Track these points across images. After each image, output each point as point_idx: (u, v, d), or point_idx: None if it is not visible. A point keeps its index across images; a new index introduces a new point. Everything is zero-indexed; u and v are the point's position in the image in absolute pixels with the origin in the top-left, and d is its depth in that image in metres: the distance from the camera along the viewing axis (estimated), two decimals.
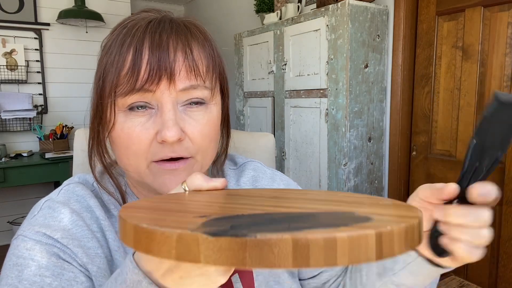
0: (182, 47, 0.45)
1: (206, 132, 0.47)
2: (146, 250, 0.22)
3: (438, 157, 1.95)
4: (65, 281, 0.45)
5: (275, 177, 0.63)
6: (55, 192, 0.53)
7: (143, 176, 0.47)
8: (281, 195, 0.33)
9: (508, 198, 1.64)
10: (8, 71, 2.72)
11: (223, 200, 0.30)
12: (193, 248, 0.20)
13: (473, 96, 1.76)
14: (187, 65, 0.44)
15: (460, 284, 0.97)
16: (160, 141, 0.44)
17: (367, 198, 0.32)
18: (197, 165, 0.48)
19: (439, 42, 1.90)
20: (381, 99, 2.03)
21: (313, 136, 2.09)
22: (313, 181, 2.11)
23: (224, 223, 0.22)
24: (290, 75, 2.21)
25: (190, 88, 0.45)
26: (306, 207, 0.27)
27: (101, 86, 0.47)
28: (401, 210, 0.27)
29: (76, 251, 0.47)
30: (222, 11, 3.45)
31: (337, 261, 0.20)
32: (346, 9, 1.81)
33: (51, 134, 2.79)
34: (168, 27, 0.45)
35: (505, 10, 1.63)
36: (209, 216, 0.24)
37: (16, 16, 2.73)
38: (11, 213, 2.91)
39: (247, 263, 0.20)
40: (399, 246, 0.22)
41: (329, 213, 0.25)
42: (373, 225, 0.22)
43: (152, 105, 0.45)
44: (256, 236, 0.19)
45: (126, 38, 0.45)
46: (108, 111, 0.46)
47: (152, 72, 0.43)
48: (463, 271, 1.87)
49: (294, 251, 0.19)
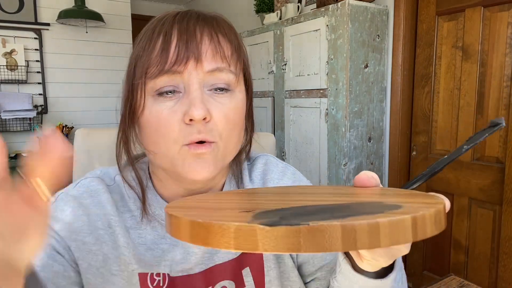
0: (208, 32, 0.47)
1: (231, 116, 0.48)
2: (204, 242, 0.24)
3: (438, 157, 1.95)
4: (53, 273, 0.46)
5: (286, 171, 0.63)
6: (72, 185, 0.55)
7: (172, 161, 0.48)
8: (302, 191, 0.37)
9: (508, 198, 1.64)
10: (8, 71, 2.72)
11: (252, 198, 0.34)
12: (251, 238, 0.22)
13: (473, 96, 1.76)
14: (213, 47, 0.47)
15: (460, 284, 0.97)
16: (188, 120, 0.45)
17: (383, 189, 0.35)
18: (221, 151, 0.49)
19: (439, 42, 1.90)
20: (381, 99, 2.03)
21: (313, 136, 2.09)
22: (313, 181, 2.11)
23: (272, 216, 0.24)
24: (290, 75, 2.21)
25: (216, 70, 0.47)
26: (335, 200, 0.30)
27: (132, 71, 0.49)
28: (423, 198, 0.30)
29: (70, 244, 0.49)
30: (222, 11, 3.45)
31: (380, 243, 0.23)
32: (346, 9, 1.81)
33: None
34: (195, 16, 0.48)
35: (505, 10, 1.63)
36: (253, 210, 0.26)
37: (16, 16, 2.73)
38: None
39: (302, 248, 0.22)
40: (431, 228, 0.25)
41: (361, 203, 0.28)
42: (406, 211, 0.25)
43: (179, 89, 0.47)
44: (309, 224, 0.22)
45: (156, 27, 0.48)
46: (138, 94, 0.48)
47: (180, 54, 0.45)
48: (463, 271, 1.87)
49: (343, 236, 0.22)
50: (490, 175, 1.72)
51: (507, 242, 1.66)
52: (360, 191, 0.35)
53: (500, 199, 1.69)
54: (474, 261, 1.83)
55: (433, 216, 0.25)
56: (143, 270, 0.51)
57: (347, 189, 0.36)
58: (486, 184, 1.75)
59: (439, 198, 0.29)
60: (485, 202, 1.77)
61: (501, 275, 1.70)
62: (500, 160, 1.68)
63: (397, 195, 0.31)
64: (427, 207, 0.26)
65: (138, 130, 0.50)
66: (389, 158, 2.09)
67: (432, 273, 2.03)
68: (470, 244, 1.84)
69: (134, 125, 0.50)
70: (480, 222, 1.79)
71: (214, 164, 0.48)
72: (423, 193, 0.32)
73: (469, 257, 1.85)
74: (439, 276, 1.97)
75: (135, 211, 0.53)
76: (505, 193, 1.65)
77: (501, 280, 1.70)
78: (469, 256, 1.85)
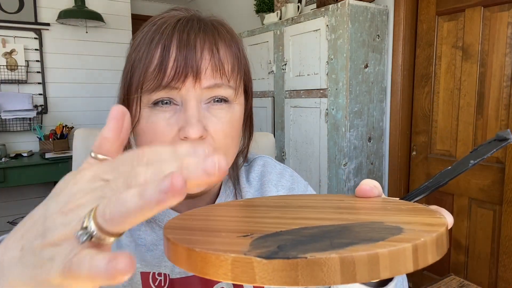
0: (209, 46, 0.46)
1: (227, 131, 0.47)
2: (201, 272, 0.23)
3: (438, 157, 1.95)
4: None
5: (284, 173, 0.63)
6: None
7: None
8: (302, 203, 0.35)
9: (508, 198, 1.64)
10: (8, 71, 2.72)
11: (251, 214, 0.33)
12: (249, 271, 0.22)
13: (473, 96, 1.76)
14: (213, 64, 0.45)
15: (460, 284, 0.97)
16: (183, 137, 0.44)
17: (385, 201, 0.34)
18: None
19: (439, 42, 1.90)
20: (381, 99, 2.03)
21: (313, 136, 2.09)
22: (313, 181, 2.11)
23: (270, 243, 0.24)
24: (290, 75, 2.21)
25: (215, 86, 0.46)
26: (335, 218, 0.29)
27: (128, 81, 0.47)
28: (425, 216, 0.29)
29: None
30: (222, 11, 3.45)
31: (380, 274, 0.22)
32: (346, 9, 1.81)
33: (51, 134, 2.79)
34: (196, 26, 0.46)
35: (505, 10, 1.63)
36: (252, 234, 0.26)
37: (16, 16, 2.73)
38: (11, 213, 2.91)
39: (299, 282, 0.21)
40: (432, 255, 0.24)
41: (361, 224, 0.27)
42: (407, 237, 0.24)
43: (176, 102, 0.46)
44: (307, 257, 0.21)
45: (155, 35, 0.46)
46: (134, 106, 0.47)
47: (178, 70, 0.44)
48: (463, 271, 1.87)
49: (341, 268, 0.21)
50: (490, 175, 1.72)
51: (507, 242, 1.66)
52: (362, 204, 0.34)
53: (500, 199, 1.69)
54: (474, 261, 1.83)
55: (435, 241, 0.24)
56: (145, 269, 0.51)
57: (348, 201, 0.35)
58: (486, 184, 1.75)
59: (442, 217, 0.28)
60: (485, 202, 1.77)
61: (501, 275, 1.70)
62: (500, 160, 1.68)
63: (399, 211, 0.31)
64: (428, 232, 0.25)
65: (133, 137, 0.50)
66: (389, 158, 2.09)
67: (432, 273, 2.03)
68: (470, 244, 1.84)
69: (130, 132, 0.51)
70: (480, 222, 1.79)
71: None
72: (424, 209, 0.31)
73: (469, 257, 1.85)
74: (439, 276, 1.97)
75: None
76: (505, 193, 1.65)
77: (501, 280, 1.70)
78: (469, 256, 1.85)
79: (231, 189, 0.59)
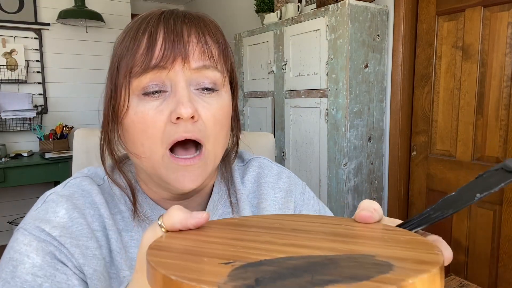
0: (195, 31, 0.46)
1: (218, 117, 0.47)
2: None
3: (438, 157, 1.95)
4: (56, 283, 0.44)
5: (281, 175, 0.62)
6: (61, 185, 0.52)
7: (156, 167, 0.46)
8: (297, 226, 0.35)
9: (508, 198, 1.64)
10: (8, 71, 2.72)
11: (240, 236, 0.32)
12: None
13: (473, 96, 1.76)
14: (200, 46, 0.46)
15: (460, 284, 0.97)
16: (175, 119, 0.44)
17: (384, 230, 0.33)
18: (210, 157, 0.48)
19: (439, 42, 1.90)
20: (381, 99, 2.03)
21: (313, 136, 2.09)
22: (313, 181, 2.11)
23: (250, 274, 0.23)
24: (290, 75, 2.21)
25: (203, 67, 0.46)
26: (326, 247, 0.28)
27: (116, 70, 0.47)
28: (421, 252, 0.27)
29: (73, 251, 0.46)
30: (222, 11, 3.45)
31: None
32: (346, 9, 1.81)
33: (51, 134, 2.79)
34: (181, 15, 0.47)
35: (505, 10, 1.63)
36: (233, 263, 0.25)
37: (16, 16, 2.73)
38: (11, 213, 2.91)
39: None
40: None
41: (349, 257, 0.26)
42: (395, 277, 0.22)
43: (165, 88, 0.45)
44: None
45: (141, 25, 0.46)
46: (122, 95, 0.46)
47: (166, 52, 0.44)
48: (463, 271, 1.87)
49: None
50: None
51: (507, 242, 1.66)
52: (358, 231, 0.33)
53: (500, 199, 1.69)
54: (474, 261, 1.83)
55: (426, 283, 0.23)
56: None
57: (346, 226, 0.34)
58: None
59: (439, 254, 0.26)
60: (485, 202, 1.77)
61: (501, 275, 1.70)
62: (500, 160, 1.68)
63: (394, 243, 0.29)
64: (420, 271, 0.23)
65: (122, 132, 0.49)
66: (389, 158, 2.09)
67: None
68: (470, 244, 1.84)
69: (117, 126, 0.49)
70: (480, 222, 1.79)
71: (202, 175, 0.47)
72: (422, 241, 0.30)
73: (469, 257, 1.85)
74: None
75: (126, 212, 0.52)
76: (505, 193, 1.65)
77: (501, 280, 1.70)
78: (469, 256, 1.85)
79: (224, 190, 0.58)
